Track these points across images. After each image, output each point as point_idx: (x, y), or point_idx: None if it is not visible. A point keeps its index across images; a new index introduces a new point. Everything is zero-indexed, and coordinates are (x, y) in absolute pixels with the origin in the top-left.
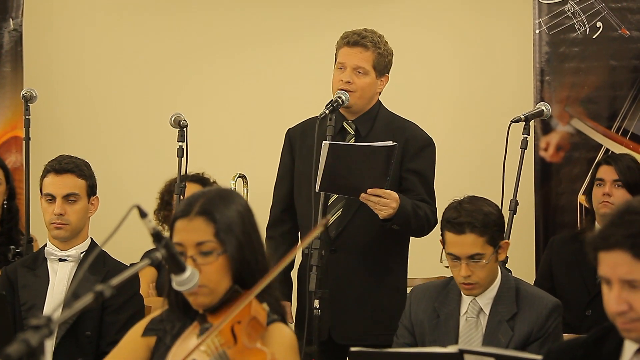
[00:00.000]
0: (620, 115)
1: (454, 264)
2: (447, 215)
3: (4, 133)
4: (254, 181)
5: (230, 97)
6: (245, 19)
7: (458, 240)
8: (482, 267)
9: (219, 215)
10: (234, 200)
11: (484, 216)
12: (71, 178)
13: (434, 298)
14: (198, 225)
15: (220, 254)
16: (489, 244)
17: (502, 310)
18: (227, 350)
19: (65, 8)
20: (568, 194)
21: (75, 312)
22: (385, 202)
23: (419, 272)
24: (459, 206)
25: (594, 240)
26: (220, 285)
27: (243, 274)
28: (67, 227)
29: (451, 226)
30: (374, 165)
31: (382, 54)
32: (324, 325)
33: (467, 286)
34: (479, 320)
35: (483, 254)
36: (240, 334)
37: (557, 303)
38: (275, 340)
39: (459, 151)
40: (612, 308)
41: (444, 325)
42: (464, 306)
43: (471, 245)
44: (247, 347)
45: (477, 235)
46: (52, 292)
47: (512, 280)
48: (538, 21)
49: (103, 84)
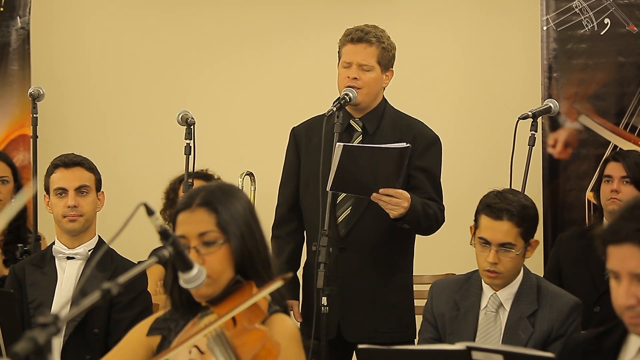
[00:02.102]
0: (629, 111)
1: (483, 249)
2: (487, 200)
3: (12, 131)
4: (261, 179)
5: (238, 95)
6: (252, 16)
7: (493, 225)
8: (510, 259)
9: (221, 205)
10: (234, 193)
11: (522, 208)
12: (81, 171)
13: (455, 291)
14: (200, 216)
15: (222, 243)
16: (521, 236)
17: (523, 307)
18: (225, 332)
19: (72, 6)
20: (576, 191)
21: (83, 310)
22: (397, 202)
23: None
24: (500, 195)
25: (604, 234)
26: (223, 276)
27: (245, 265)
28: (82, 219)
29: (490, 210)
30: (386, 167)
31: (386, 49)
32: (332, 322)
33: (490, 274)
34: (498, 315)
35: (514, 245)
36: (240, 318)
37: (578, 302)
38: (276, 330)
39: (466, 148)
40: (620, 302)
41: (464, 319)
42: (484, 300)
43: (505, 233)
44: (246, 328)
45: (514, 224)
46: (60, 290)
47: (534, 278)
48: (545, 18)
49: (110, 82)
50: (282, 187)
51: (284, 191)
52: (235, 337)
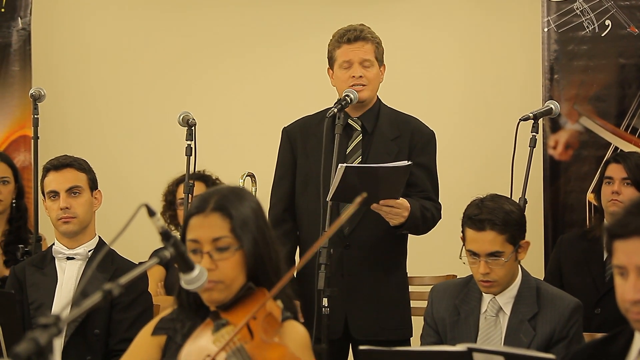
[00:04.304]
0: (629, 113)
1: (473, 261)
2: (468, 212)
3: (13, 132)
4: (262, 180)
5: (238, 96)
6: (254, 18)
7: (478, 237)
8: (501, 266)
9: (235, 211)
10: (246, 197)
11: (505, 214)
12: (71, 172)
13: (455, 295)
14: (214, 221)
15: (236, 249)
16: (508, 242)
17: (524, 310)
18: (244, 345)
19: (73, 7)
20: (577, 193)
21: (83, 311)
22: (397, 212)
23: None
24: (481, 203)
25: (611, 228)
26: (236, 282)
27: (257, 271)
28: (75, 221)
29: (472, 223)
30: (387, 183)
31: (379, 44)
32: (336, 323)
33: (485, 284)
34: (498, 319)
35: (502, 252)
36: (256, 329)
37: (579, 303)
38: (289, 337)
39: (467, 149)
40: (628, 296)
41: (464, 323)
42: (484, 305)
43: (490, 243)
44: (265, 341)
45: (497, 232)
46: (61, 290)
47: (533, 280)
48: (547, 19)
49: (111, 83)
50: (276, 188)
51: (278, 191)
52: (255, 351)
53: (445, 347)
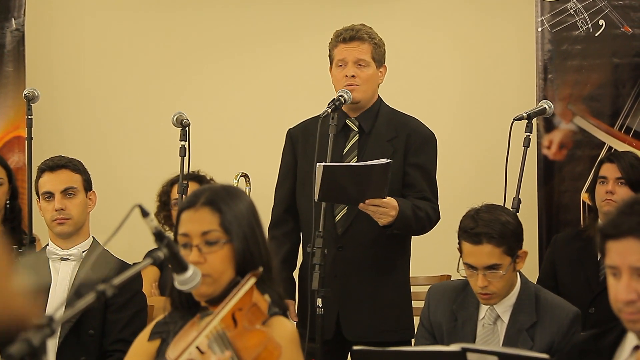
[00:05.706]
0: (623, 112)
1: (471, 274)
2: (463, 225)
3: (7, 133)
4: (256, 180)
5: (232, 96)
6: (247, 18)
7: (475, 250)
8: (500, 278)
9: (224, 206)
10: (239, 195)
11: (501, 226)
12: (66, 173)
13: (453, 300)
14: (204, 215)
15: (225, 243)
16: (506, 254)
17: (522, 319)
18: (227, 332)
19: (67, 8)
20: (571, 192)
21: (77, 311)
22: (384, 211)
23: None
24: (476, 215)
25: (604, 228)
26: (224, 276)
27: (246, 266)
28: (70, 222)
29: (468, 236)
30: (370, 181)
31: (378, 44)
32: (328, 324)
33: (484, 296)
34: (496, 327)
35: (500, 265)
36: (241, 319)
37: (578, 312)
38: (276, 332)
39: (461, 149)
40: (621, 297)
41: (462, 330)
42: (482, 312)
43: (488, 256)
44: (246, 329)
45: (494, 245)
46: (55, 291)
47: (532, 287)
48: (540, 19)
49: (105, 84)
50: (279, 188)
51: (280, 192)
52: (237, 338)
53: (439, 347)
